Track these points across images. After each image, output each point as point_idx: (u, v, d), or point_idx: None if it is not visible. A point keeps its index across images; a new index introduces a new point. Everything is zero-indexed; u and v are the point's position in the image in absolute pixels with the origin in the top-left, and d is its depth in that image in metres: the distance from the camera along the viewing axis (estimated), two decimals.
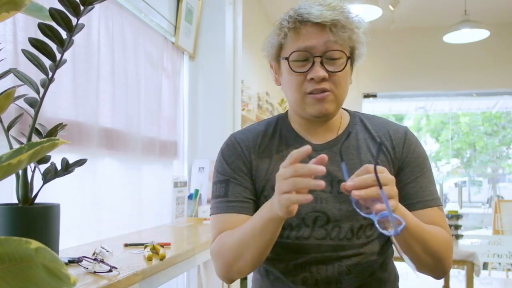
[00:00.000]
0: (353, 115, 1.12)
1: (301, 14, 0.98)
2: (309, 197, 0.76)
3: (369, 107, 5.69)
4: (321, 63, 0.97)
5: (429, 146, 12.58)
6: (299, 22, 0.98)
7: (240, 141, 1.09)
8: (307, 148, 0.76)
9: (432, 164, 12.42)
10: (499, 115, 11.27)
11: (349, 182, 0.77)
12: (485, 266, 4.75)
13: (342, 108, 1.12)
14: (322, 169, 0.74)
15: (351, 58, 1.01)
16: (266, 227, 0.88)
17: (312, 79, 0.97)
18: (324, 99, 0.98)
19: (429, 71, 4.71)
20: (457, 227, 3.15)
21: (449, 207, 7.26)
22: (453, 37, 3.73)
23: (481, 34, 3.64)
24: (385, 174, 0.80)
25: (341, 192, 0.96)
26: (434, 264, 0.96)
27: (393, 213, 0.73)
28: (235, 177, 1.05)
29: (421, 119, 12.27)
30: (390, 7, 3.70)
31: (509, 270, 4.77)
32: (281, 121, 1.12)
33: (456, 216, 3.16)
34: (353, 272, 1.01)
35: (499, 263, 4.71)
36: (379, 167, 0.77)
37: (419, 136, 12.45)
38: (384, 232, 0.75)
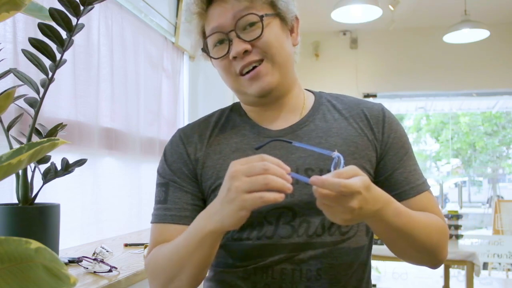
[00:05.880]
0: (318, 95, 0.98)
1: None
2: (283, 195, 0.64)
3: None
4: (238, 37, 0.84)
5: (429, 146, 12.57)
6: (203, 3, 0.86)
7: (185, 137, 0.96)
8: (286, 169, 0.66)
9: (432, 164, 12.46)
10: (499, 115, 11.27)
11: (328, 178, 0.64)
12: (485, 266, 4.75)
13: (307, 90, 1.00)
14: (289, 178, 0.65)
15: (277, 13, 0.87)
16: (204, 242, 0.74)
17: (235, 57, 0.84)
18: (258, 74, 0.85)
19: (429, 71, 4.70)
20: (457, 227, 3.15)
21: (449, 207, 7.26)
22: (453, 37, 3.73)
23: (481, 34, 3.64)
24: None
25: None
26: (429, 258, 0.86)
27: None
28: (175, 180, 0.92)
29: (421, 119, 12.26)
30: (390, 7, 3.70)
31: (509, 270, 4.77)
32: (235, 110, 0.98)
33: (456, 216, 3.16)
34: (323, 277, 0.85)
35: (499, 263, 4.71)
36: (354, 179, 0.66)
37: (419, 136, 12.43)
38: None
